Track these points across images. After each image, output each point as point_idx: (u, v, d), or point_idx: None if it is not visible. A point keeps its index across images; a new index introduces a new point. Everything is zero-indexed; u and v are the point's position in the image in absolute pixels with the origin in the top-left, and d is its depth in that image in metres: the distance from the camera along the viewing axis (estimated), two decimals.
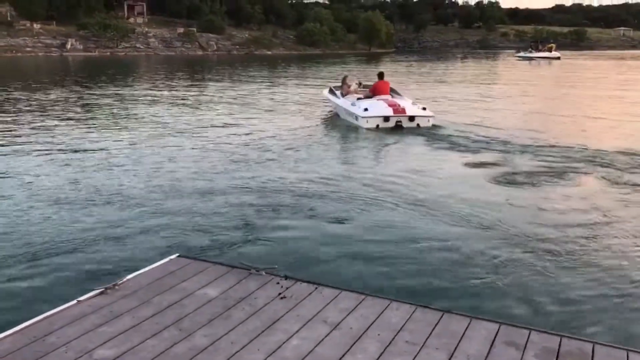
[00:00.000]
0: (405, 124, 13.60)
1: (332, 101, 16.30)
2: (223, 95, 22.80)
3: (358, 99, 14.70)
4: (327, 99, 16.93)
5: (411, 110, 13.86)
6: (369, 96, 14.82)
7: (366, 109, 13.75)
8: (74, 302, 3.67)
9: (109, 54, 64.29)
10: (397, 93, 15.58)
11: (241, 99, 21.33)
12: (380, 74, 15.56)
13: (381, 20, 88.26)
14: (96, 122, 14.98)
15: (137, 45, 69.56)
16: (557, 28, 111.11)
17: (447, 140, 12.27)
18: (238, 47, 76.85)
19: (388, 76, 16.23)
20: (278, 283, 3.97)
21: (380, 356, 3.09)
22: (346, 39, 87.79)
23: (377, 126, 13.54)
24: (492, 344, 3.22)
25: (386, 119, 13.59)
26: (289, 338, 3.25)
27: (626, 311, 4.68)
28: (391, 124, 13.57)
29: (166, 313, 3.55)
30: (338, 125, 14.65)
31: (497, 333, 3.34)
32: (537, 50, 68.85)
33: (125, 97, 21.51)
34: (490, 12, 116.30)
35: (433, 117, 14.10)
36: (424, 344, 3.21)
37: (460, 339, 3.27)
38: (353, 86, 15.96)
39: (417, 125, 13.63)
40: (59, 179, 8.83)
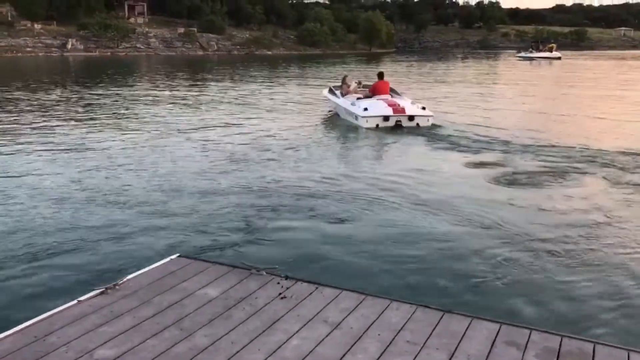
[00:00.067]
0: (405, 123, 13.60)
1: (332, 101, 16.29)
2: (224, 95, 22.80)
3: (358, 98, 14.71)
4: (327, 98, 16.94)
5: (411, 110, 13.88)
6: (368, 96, 14.84)
7: (366, 109, 13.76)
8: (74, 302, 3.67)
9: (109, 54, 64.31)
10: (396, 93, 15.59)
11: (242, 98, 21.33)
12: (380, 73, 15.58)
13: (382, 21, 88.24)
14: (97, 122, 14.98)
15: (138, 46, 69.58)
16: (557, 28, 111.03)
17: (447, 140, 12.26)
18: (238, 47, 76.85)
19: (388, 76, 16.24)
20: (278, 283, 3.97)
21: (380, 356, 3.08)
22: (347, 39, 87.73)
23: (377, 126, 13.55)
24: (492, 344, 3.22)
25: (386, 118, 13.60)
26: (290, 338, 3.25)
27: (629, 311, 4.67)
28: (391, 124, 13.58)
29: (167, 313, 3.55)
30: (338, 125, 14.65)
31: (497, 333, 3.33)
32: (538, 51, 68.79)
33: (126, 97, 21.52)
34: (491, 12, 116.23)
35: (432, 116, 14.12)
36: (425, 344, 3.21)
37: (461, 339, 3.27)
38: (353, 86, 15.96)
39: (417, 125, 13.64)
40: (60, 178, 8.83)
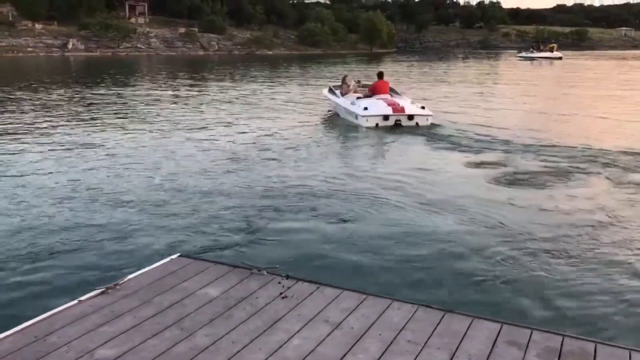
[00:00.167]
0: (405, 122, 13.63)
1: (331, 100, 16.31)
2: (225, 95, 22.81)
3: (357, 98, 14.74)
4: (327, 98, 16.94)
5: (410, 109, 13.92)
6: (368, 95, 14.88)
7: (366, 108, 13.79)
8: (75, 301, 3.66)
9: (110, 54, 64.35)
10: (396, 92, 15.63)
11: (243, 98, 21.34)
12: (379, 73, 15.64)
13: (382, 21, 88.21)
14: (99, 122, 14.98)
15: (139, 46, 69.62)
16: (558, 28, 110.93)
17: (448, 139, 12.26)
18: (239, 47, 76.85)
19: (389, 76, 16.26)
20: (279, 283, 3.96)
21: (381, 356, 3.07)
22: (347, 39, 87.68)
23: (377, 125, 13.57)
24: (494, 344, 3.20)
25: (385, 117, 13.63)
26: (290, 338, 3.24)
27: (632, 310, 4.66)
28: (390, 123, 13.60)
29: (167, 313, 3.54)
30: (338, 124, 14.66)
31: (499, 333, 3.32)
32: (539, 51, 68.74)
33: (127, 97, 21.52)
34: (492, 12, 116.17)
35: (432, 115, 14.15)
36: (426, 343, 3.20)
37: (462, 338, 3.26)
38: (352, 85, 15.98)
39: (416, 124, 13.65)
40: (61, 178, 8.83)
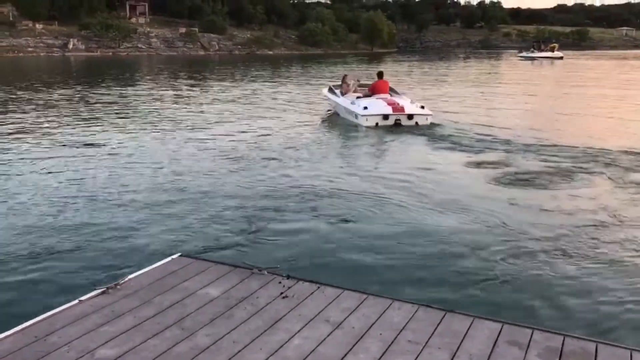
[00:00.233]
0: (404, 122, 13.64)
1: (331, 100, 16.31)
2: (225, 94, 22.81)
3: (357, 97, 14.74)
4: (327, 98, 16.95)
5: (410, 109, 13.94)
6: (368, 95, 14.89)
7: (366, 107, 13.81)
8: (75, 301, 3.66)
9: (111, 54, 64.36)
10: (396, 92, 15.63)
11: (243, 98, 21.34)
12: (379, 73, 15.66)
13: (383, 20, 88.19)
14: (99, 122, 14.98)
15: (139, 46, 69.63)
16: (559, 28, 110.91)
17: (449, 139, 12.24)
18: (240, 47, 76.85)
19: (390, 76, 16.27)
20: (280, 282, 3.96)
21: (382, 356, 3.07)
22: (348, 39, 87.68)
23: (377, 124, 13.58)
24: (494, 344, 3.20)
25: (385, 117, 13.64)
26: (291, 337, 3.24)
27: (634, 309, 4.65)
28: (390, 122, 13.61)
29: (168, 313, 3.54)
30: (338, 124, 14.67)
31: (499, 332, 3.32)
32: (540, 50, 68.75)
33: (128, 97, 21.52)
34: (493, 12, 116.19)
35: (431, 115, 14.16)
36: (426, 343, 3.20)
37: (463, 338, 3.25)
38: (352, 85, 15.99)
39: (416, 124, 13.66)
40: (62, 177, 8.83)
